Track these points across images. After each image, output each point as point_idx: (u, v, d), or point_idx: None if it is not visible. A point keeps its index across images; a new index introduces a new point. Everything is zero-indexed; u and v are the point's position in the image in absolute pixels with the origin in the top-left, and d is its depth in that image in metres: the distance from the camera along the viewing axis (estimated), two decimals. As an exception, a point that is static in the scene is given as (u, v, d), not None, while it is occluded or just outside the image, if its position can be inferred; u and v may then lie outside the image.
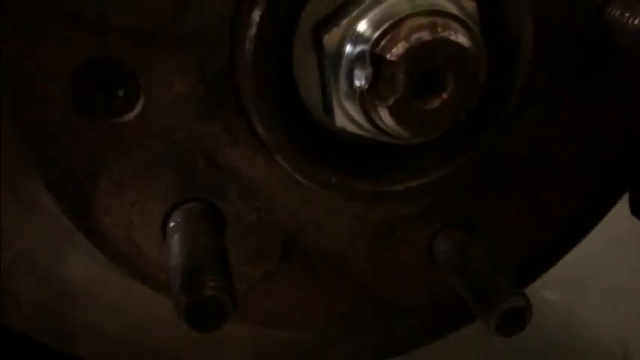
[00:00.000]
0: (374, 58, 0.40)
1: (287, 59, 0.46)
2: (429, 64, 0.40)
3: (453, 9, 0.42)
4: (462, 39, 0.40)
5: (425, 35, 0.39)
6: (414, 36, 0.39)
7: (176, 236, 0.47)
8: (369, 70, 0.41)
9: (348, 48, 0.42)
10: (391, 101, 0.41)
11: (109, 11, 0.42)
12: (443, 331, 0.65)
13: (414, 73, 0.40)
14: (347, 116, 0.45)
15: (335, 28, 0.42)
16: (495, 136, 0.50)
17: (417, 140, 0.45)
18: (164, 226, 0.49)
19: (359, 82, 0.41)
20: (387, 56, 0.40)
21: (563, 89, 0.52)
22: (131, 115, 0.45)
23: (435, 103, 0.42)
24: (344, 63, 0.43)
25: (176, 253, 0.45)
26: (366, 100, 0.42)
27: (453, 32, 0.40)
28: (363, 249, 0.55)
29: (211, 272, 0.43)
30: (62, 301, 0.54)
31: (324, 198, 0.52)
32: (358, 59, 0.41)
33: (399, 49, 0.39)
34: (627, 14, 0.46)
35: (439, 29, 0.40)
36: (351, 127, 0.46)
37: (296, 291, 0.55)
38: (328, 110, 0.46)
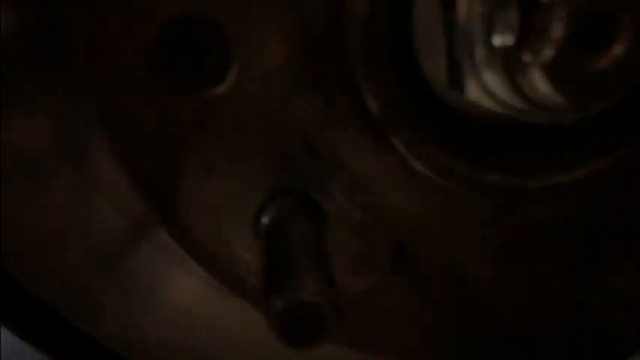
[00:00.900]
0: (524, 4, 0.32)
1: (405, 20, 0.38)
2: (595, 8, 0.31)
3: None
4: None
5: (592, -30, 0.30)
6: (578, -28, 0.30)
7: (269, 232, 0.39)
8: (517, 19, 0.32)
9: (488, -4, 0.34)
10: (547, 57, 0.32)
11: None
12: None
13: (578, 19, 0.31)
14: (481, 87, 0.37)
15: (470, -28, 0.34)
16: None
17: (575, 113, 0.35)
18: (257, 221, 0.42)
19: (502, 38, 0.33)
20: (543, -1, 0.31)
21: None
22: (223, 87, 0.39)
23: (605, 61, 0.32)
24: (481, 16, 0.34)
25: (269, 252, 0.37)
26: (513, 59, 0.33)
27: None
28: (492, 263, 0.46)
29: (310, 274, 0.35)
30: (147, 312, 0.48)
31: (446, 195, 0.43)
32: (501, 8, 0.33)
33: (558, -12, 0.31)
34: None
35: (613, -39, 0.30)
36: (486, 101, 0.37)
37: (405, 312, 0.46)
38: (457, 81, 0.37)
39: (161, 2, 0.36)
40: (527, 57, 0.32)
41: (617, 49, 0.32)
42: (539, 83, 0.33)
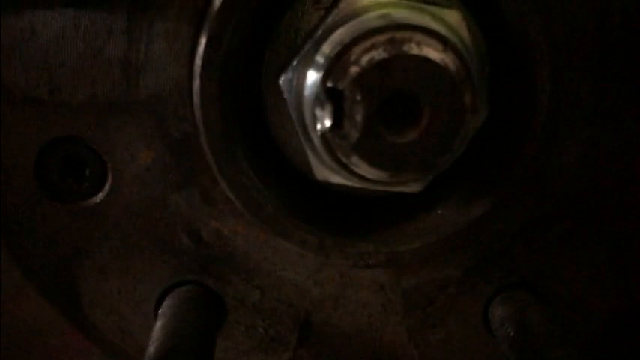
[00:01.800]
0: (329, 92, 0.34)
1: (260, 113, 0.41)
2: (390, 88, 0.33)
3: (428, 22, 0.35)
4: (429, 52, 0.33)
5: (378, 54, 0.32)
6: (366, 57, 0.33)
7: (158, 324, 0.42)
8: (328, 106, 0.34)
9: (307, 87, 0.36)
10: (354, 139, 0.34)
11: (60, 86, 0.40)
12: None
13: (375, 100, 0.33)
14: (326, 167, 0.39)
15: (290, 67, 0.37)
16: (527, 170, 0.40)
17: (398, 184, 0.37)
18: (157, 313, 0.44)
19: (320, 123, 0.35)
20: (339, 85, 0.33)
21: (617, 103, 0.41)
22: (101, 196, 0.42)
23: (413, 134, 0.34)
24: (306, 104, 0.36)
25: (150, 344, 0.39)
26: (331, 142, 0.35)
27: (415, 46, 0.32)
28: (398, 326, 0.46)
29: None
30: None
31: (336, 267, 0.44)
32: (317, 97, 0.35)
33: (350, 76, 0.33)
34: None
35: (397, 45, 0.32)
36: (335, 179, 0.39)
37: None
38: (307, 164, 0.40)
39: (34, 129, 0.41)
40: (340, 140, 0.34)
41: (423, 122, 0.34)
42: (356, 161, 0.34)
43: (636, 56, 0.40)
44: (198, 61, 0.37)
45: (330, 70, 0.34)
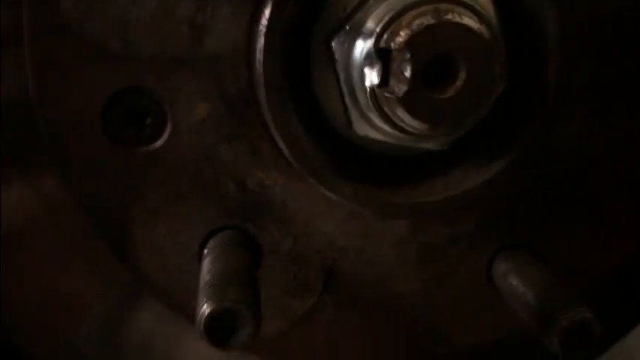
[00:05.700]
0: (380, 52, 0.40)
1: (306, 75, 0.46)
2: (435, 50, 0.39)
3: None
4: (468, 21, 0.39)
5: (426, 20, 0.38)
6: (416, 22, 0.38)
7: (207, 259, 0.46)
8: (378, 65, 0.40)
9: (357, 49, 0.42)
10: (402, 93, 0.39)
11: (132, 41, 0.44)
12: None
13: (421, 60, 0.39)
14: (367, 123, 0.44)
15: (342, 32, 0.43)
16: (534, 140, 0.46)
17: (441, 137, 0.43)
18: (200, 254, 0.49)
19: (369, 80, 0.41)
20: (391, 46, 0.39)
21: (611, 89, 0.48)
22: (160, 142, 0.47)
23: (450, 92, 0.40)
24: (355, 64, 0.42)
25: (204, 274, 0.44)
26: (379, 97, 0.41)
27: (457, 15, 0.39)
28: (412, 277, 0.52)
29: (237, 289, 0.41)
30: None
31: (362, 219, 0.50)
32: (367, 57, 0.41)
33: (401, 38, 0.39)
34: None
35: (442, 14, 0.38)
36: (374, 134, 0.45)
37: (340, 327, 0.52)
38: (349, 120, 0.45)
39: (104, 78, 0.45)
40: (388, 94, 0.40)
41: (459, 82, 0.40)
42: (401, 114, 0.40)
43: (630, 48, 0.47)
44: (264, 22, 0.42)
45: (383, 33, 0.40)
